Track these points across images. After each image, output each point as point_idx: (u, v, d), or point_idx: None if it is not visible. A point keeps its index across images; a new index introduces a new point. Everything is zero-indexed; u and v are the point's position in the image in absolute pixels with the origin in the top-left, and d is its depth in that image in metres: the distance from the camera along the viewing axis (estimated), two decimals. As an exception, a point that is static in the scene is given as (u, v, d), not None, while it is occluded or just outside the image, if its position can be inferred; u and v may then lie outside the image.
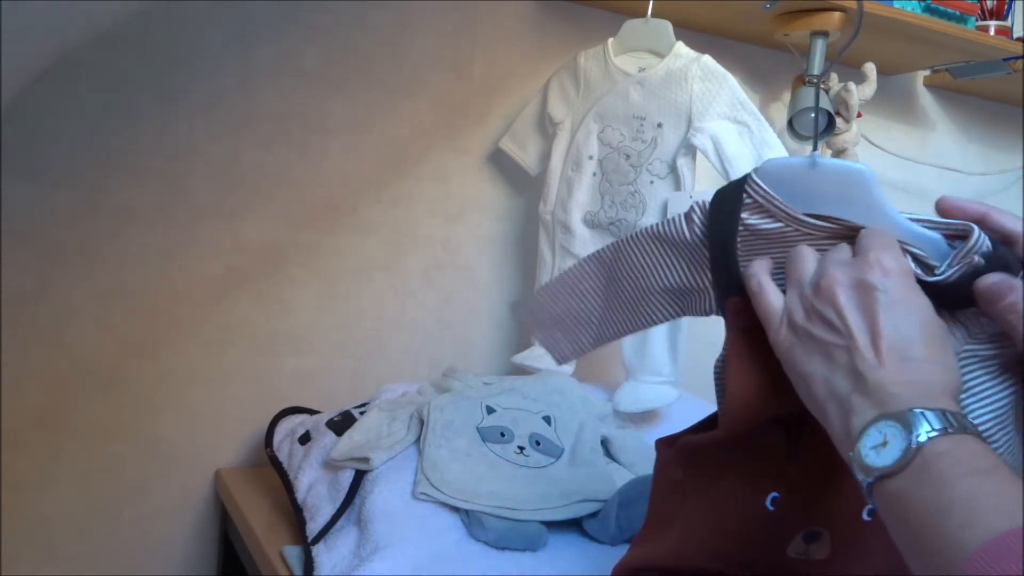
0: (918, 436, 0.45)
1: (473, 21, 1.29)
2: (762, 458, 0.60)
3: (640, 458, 1.05)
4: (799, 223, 0.58)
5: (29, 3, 0.65)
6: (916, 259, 0.55)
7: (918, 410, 0.46)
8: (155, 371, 1.14)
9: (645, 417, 1.16)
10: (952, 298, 0.54)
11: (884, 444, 0.46)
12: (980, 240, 0.53)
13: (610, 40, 1.18)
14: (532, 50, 1.33)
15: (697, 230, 0.63)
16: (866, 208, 0.57)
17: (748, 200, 0.60)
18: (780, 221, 0.59)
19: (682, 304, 0.67)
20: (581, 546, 0.91)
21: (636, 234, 0.66)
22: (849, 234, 0.57)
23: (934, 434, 0.45)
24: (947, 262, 0.54)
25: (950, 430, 0.45)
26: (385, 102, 1.24)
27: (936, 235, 0.56)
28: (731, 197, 0.61)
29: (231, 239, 1.17)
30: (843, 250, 0.55)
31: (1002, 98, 1.79)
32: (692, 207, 0.63)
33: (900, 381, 0.49)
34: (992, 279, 0.52)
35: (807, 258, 0.56)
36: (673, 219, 0.64)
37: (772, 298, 0.56)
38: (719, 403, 0.62)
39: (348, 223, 1.24)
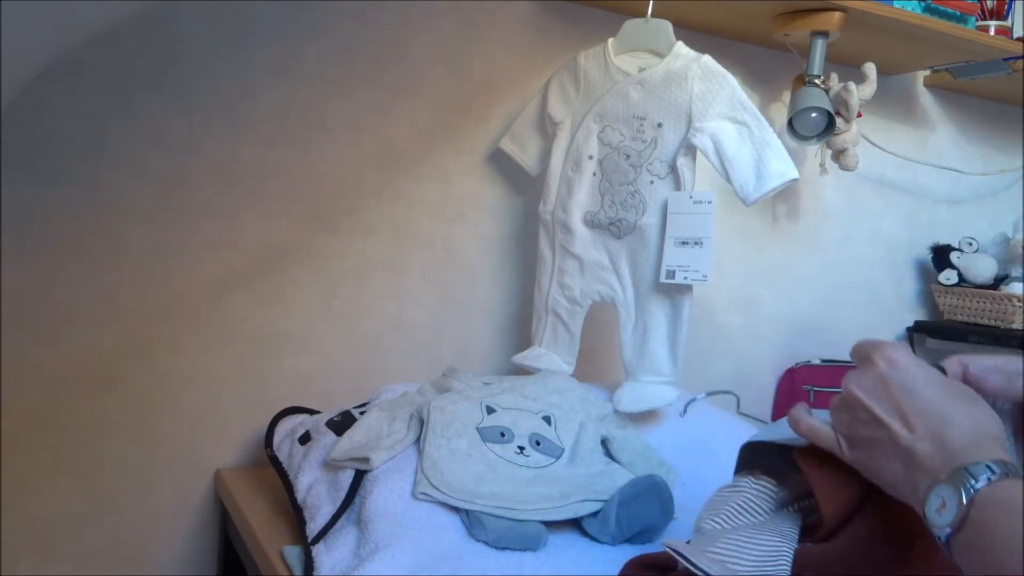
0: (967, 493, 0.51)
1: (473, 21, 1.29)
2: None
3: (640, 458, 1.05)
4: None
5: (29, 3, 0.65)
6: None
7: (964, 469, 0.52)
8: (155, 371, 1.14)
9: (645, 417, 1.16)
10: None
11: (943, 506, 0.52)
12: None
13: (610, 40, 1.18)
14: (532, 50, 1.33)
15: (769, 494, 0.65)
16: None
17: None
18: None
19: None
20: (581, 546, 0.90)
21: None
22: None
23: (981, 485, 0.51)
24: None
25: (993, 478, 0.51)
26: (385, 102, 1.24)
27: None
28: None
29: (231, 239, 1.17)
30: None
31: (1002, 98, 1.79)
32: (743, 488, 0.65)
33: (943, 445, 0.54)
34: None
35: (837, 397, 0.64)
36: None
37: (823, 429, 0.63)
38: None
39: (348, 223, 1.24)
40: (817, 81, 1.35)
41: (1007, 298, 1.58)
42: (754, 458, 0.67)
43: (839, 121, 1.39)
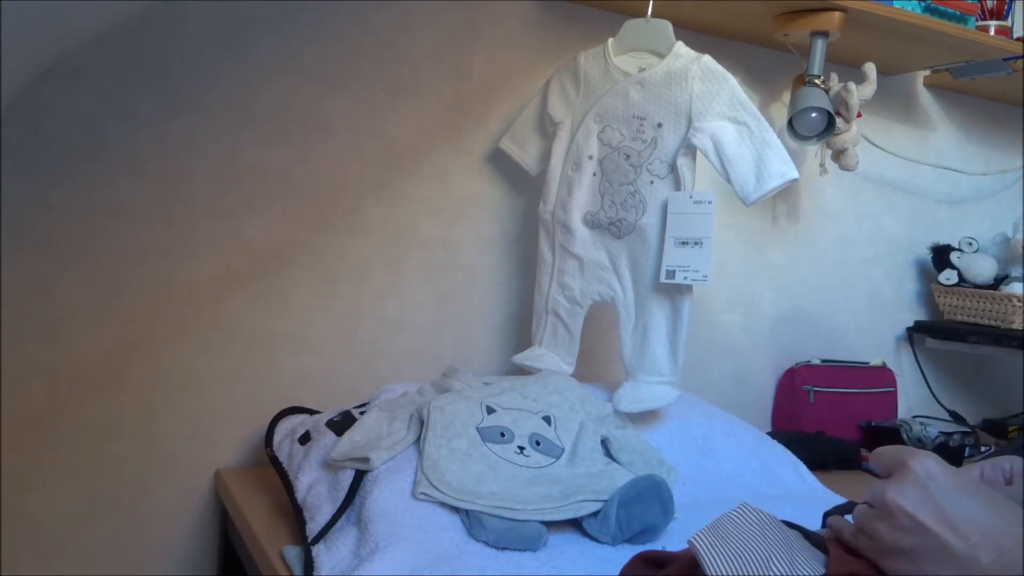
0: None
1: (473, 21, 1.29)
2: None
3: (640, 458, 1.05)
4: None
5: (29, 3, 0.65)
6: None
7: None
8: (155, 371, 1.14)
9: (645, 417, 1.16)
10: None
11: None
12: None
13: (610, 40, 1.18)
14: (532, 50, 1.33)
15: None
16: None
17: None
18: None
19: None
20: (581, 546, 0.91)
21: None
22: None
23: None
24: None
25: None
26: (385, 102, 1.24)
27: None
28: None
29: (231, 239, 1.17)
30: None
31: (1002, 98, 1.79)
32: None
33: (1002, 555, 0.54)
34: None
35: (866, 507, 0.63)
36: None
37: (864, 539, 0.62)
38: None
39: (348, 223, 1.24)
40: (817, 81, 1.35)
41: (1007, 298, 1.58)
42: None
43: (839, 121, 1.39)
